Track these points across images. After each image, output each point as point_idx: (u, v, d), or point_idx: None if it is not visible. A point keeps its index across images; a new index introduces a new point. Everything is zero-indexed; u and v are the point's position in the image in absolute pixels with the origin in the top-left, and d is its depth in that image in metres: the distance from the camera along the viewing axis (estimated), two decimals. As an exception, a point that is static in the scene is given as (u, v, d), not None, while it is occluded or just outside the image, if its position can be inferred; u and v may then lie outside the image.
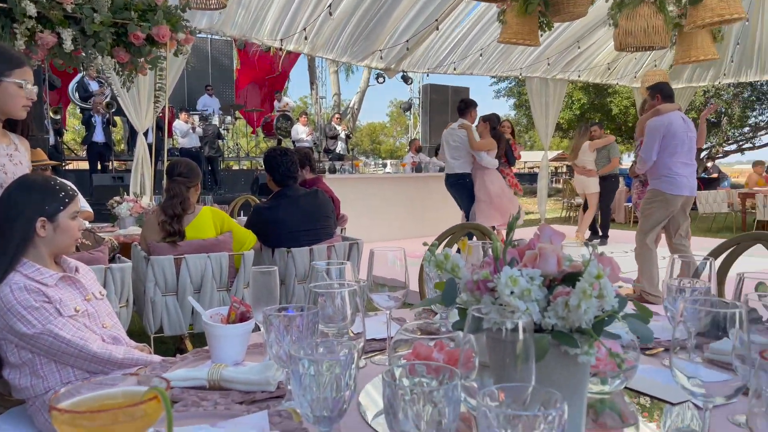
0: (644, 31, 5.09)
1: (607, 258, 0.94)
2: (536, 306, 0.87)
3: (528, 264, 0.92)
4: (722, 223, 11.18)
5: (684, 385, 0.84)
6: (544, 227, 1.03)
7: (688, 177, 4.71)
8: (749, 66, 10.91)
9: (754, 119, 22.89)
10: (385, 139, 40.16)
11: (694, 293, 1.25)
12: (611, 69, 11.17)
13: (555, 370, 0.89)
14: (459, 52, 9.54)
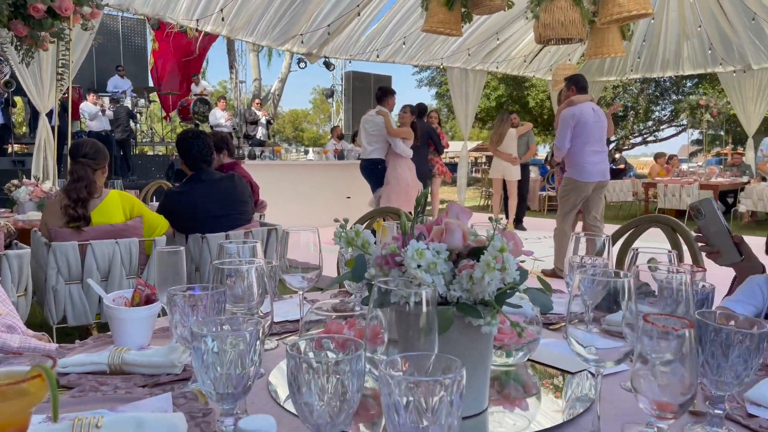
0: (562, 23, 5.28)
1: (510, 233, 0.96)
2: (442, 279, 0.88)
3: (435, 239, 0.94)
4: (628, 211, 11.86)
5: (579, 352, 0.88)
6: (452, 204, 1.05)
7: (598, 164, 5.08)
8: (654, 63, 11.59)
9: (658, 114, 24.39)
10: (308, 126, 39.72)
11: (593, 269, 1.31)
12: (528, 62, 11.55)
13: (460, 342, 0.92)
14: (381, 39, 9.56)
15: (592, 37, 6.26)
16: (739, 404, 0.98)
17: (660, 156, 12.72)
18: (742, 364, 0.84)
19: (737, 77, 11.19)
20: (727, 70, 11.16)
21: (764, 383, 0.99)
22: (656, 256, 1.29)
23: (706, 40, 10.44)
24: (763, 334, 0.83)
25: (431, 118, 8.84)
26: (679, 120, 22.15)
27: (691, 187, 9.56)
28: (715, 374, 0.86)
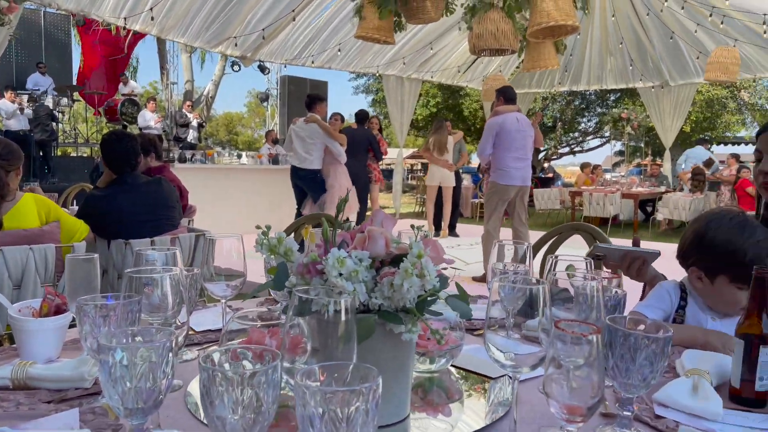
0: (494, 35, 5.41)
1: (431, 240, 0.98)
2: (363, 287, 0.88)
3: (358, 246, 0.93)
4: (556, 219, 12.28)
5: (496, 358, 0.90)
6: (377, 212, 1.05)
7: (520, 169, 5.45)
8: (579, 76, 12.09)
9: (584, 125, 25.43)
10: (242, 130, 39.03)
11: (515, 276, 1.34)
12: (462, 72, 11.80)
13: (382, 349, 0.91)
14: (317, 45, 9.52)
15: (528, 51, 6.47)
16: (648, 405, 1.02)
17: (585, 166, 13.26)
18: (648, 367, 0.88)
19: (656, 92, 11.83)
20: (646, 85, 11.78)
21: (670, 385, 1.04)
22: (576, 263, 1.33)
23: (627, 56, 10.98)
24: (667, 338, 0.87)
25: (372, 124, 8.93)
26: (603, 132, 23.21)
27: (614, 196, 10.00)
28: (624, 377, 0.89)
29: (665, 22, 9.43)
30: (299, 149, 6.76)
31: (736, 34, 8.72)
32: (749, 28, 8.49)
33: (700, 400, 1.00)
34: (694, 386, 1.03)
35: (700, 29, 8.94)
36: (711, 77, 8.12)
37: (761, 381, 1.03)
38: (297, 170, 6.89)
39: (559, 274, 1.12)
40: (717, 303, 1.44)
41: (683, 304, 1.48)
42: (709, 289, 1.43)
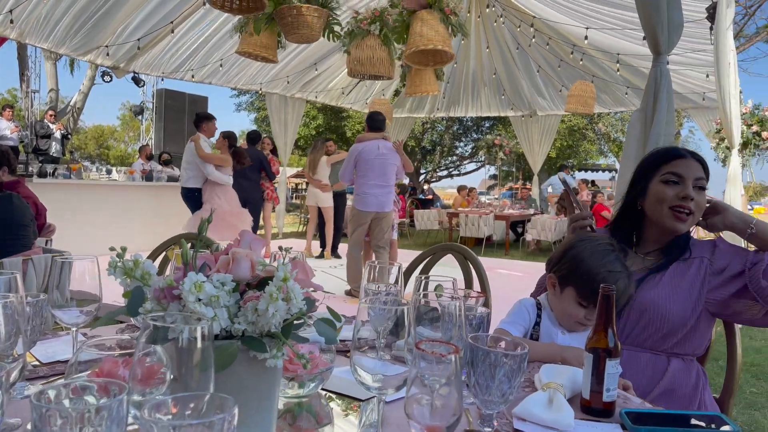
0: (371, 60, 5.53)
1: (300, 262, 0.96)
2: (225, 312, 0.84)
3: (221, 269, 0.90)
4: (435, 238, 12.70)
5: (363, 381, 0.89)
6: (244, 233, 1.02)
7: (377, 196, 5.57)
8: (457, 103, 12.68)
9: (461, 150, 26.67)
10: (114, 144, 36.74)
11: (387, 296, 1.36)
12: (345, 93, 11.94)
13: (245, 377, 0.88)
14: (197, 59, 9.21)
15: (410, 77, 6.69)
16: (508, 420, 1.07)
17: (462, 188, 13.87)
18: (507, 383, 0.92)
19: (525, 121, 12.68)
20: (516, 114, 12.60)
21: (528, 399, 1.09)
22: (444, 283, 1.37)
23: (500, 86, 11.69)
24: (524, 355, 0.92)
25: (264, 144, 8.92)
26: (479, 156, 24.45)
27: (488, 218, 10.52)
28: (485, 394, 0.92)
29: (532, 57, 10.17)
30: (183, 167, 6.77)
31: (594, 71, 9.58)
32: (605, 65, 9.37)
33: (555, 412, 1.05)
34: (550, 399, 1.09)
35: (563, 64, 9.72)
36: (571, 109, 8.85)
37: (608, 392, 1.11)
38: (181, 188, 6.85)
39: (425, 295, 1.15)
40: (560, 314, 1.56)
41: (538, 321, 1.58)
42: (557, 298, 1.55)
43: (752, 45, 20.13)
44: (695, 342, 1.57)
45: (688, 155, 1.63)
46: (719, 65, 4.71)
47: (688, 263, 1.59)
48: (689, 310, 1.53)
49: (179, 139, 12.00)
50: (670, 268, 1.58)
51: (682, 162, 1.61)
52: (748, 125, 7.01)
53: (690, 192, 1.57)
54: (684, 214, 1.58)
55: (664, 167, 1.63)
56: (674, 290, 1.55)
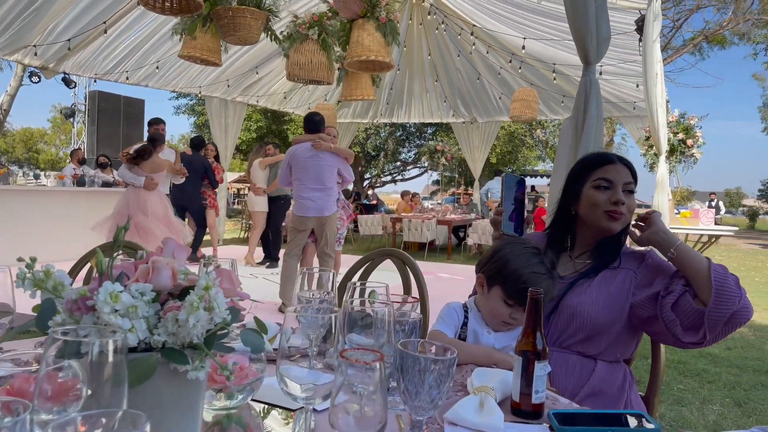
0: (310, 65, 5.49)
1: (226, 270, 0.93)
2: (144, 323, 0.81)
3: (140, 279, 0.86)
4: (378, 243, 12.73)
5: (291, 391, 0.88)
6: (167, 240, 0.98)
7: (315, 200, 5.25)
8: (400, 109, 12.78)
9: (405, 155, 26.89)
10: (45, 147, 35.14)
11: (321, 304, 1.34)
12: (287, 98, 11.83)
13: (166, 390, 0.84)
14: (133, 60, 8.93)
15: (346, 81, 6.66)
16: (439, 425, 1.07)
17: (405, 194, 13.96)
18: (436, 389, 0.92)
19: (466, 127, 12.91)
20: (458, 120, 12.80)
21: (460, 404, 1.10)
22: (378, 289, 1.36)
23: (442, 93, 11.86)
24: (452, 360, 0.92)
25: (208, 151, 8.72)
26: (422, 162, 24.72)
27: (430, 223, 10.63)
28: (414, 400, 0.92)
29: (473, 64, 10.37)
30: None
31: (532, 79, 9.85)
32: (542, 74, 9.65)
33: (485, 416, 1.06)
34: (481, 403, 1.10)
35: (503, 72, 9.95)
36: (516, 113, 9.04)
37: (537, 394, 1.13)
38: None
39: (357, 301, 1.14)
40: (487, 313, 1.59)
41: (465, 321, 1.61)
42: (485, 297, 1.59)
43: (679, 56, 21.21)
44: (622, 348, 1.62)
45: (617, 161, 1.69)
46: (647, 76, 4.93)
47: (617, 272, 1.63)
48: (615, 318, 1.58)
49: (114, 142, 11.57)
50: (600, 274, 1.63)
51: (612, 167, 1.67)
52: (675, 133, 7.36)
53: (621, 197, 1.63)
54: (618, 215, 1.64)
55: (595, 173, 1.68)
56: (601, 297, 1.59)
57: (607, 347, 1.60)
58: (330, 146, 5.28)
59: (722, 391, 3.77)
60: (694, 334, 1.46)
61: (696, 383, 3.91)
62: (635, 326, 1.61)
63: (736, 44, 22.71)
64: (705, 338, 1.45)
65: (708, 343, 1.48)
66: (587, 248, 1.72)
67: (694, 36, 20.75)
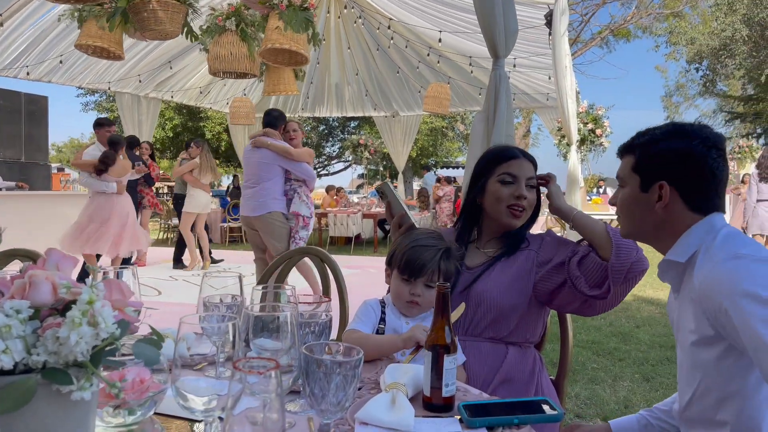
0: (230, 57, 5.33)
1: (113, 281, 0.88)
2: (20, 343, 0.75)
3: (16, 295, 0.79)
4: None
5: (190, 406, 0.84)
6: (51, 251, 0.92)
7: (246, 198, 5.06)
8: (322, 103, 12.67)
9: (329, 150, 26.75)
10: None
11: (229, 310, 1.30)
12: (204, 93, 11.48)
13: (50, 413, 0.78)
14: (34, 55, 8.38)
15: (269, 75, 6.52)
16: (350, 426, 1.06)
17: (330, 188, 13.91)
18: (342, 390, 0.91)
19: (388, 121, 12.98)
20: (380, 114, 12.85)
21: (371, 402, 1.09)
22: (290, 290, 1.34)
23: (363, 86, 11.85)
24: (356, 361, 0.91)
25: (143, 149, 8.36)
26: (346, 156, 24.70)
27: (356, 217, 10.65)
28: (320, 404, 0.91)
29: (392, 58, 10.42)
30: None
31: (450, 72, 10.01)
32: (460, 67, 9.83)
33: (396, 412, 1.06)
34: (392, 400, 1.09)
35: (421, 65, 10.06)
36: (428, 109, 9.17)
37: (447, 387, 1.14)
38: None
39: (259, 306, 1.11)
40: (395, 299, 1.64)
41: (383, 317, 1.62)
42: (391, 285, 1.65)
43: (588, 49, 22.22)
44: (529, 329, 1.68)
45: (521, 155, 1.74)
46: (557, 68, 5.12)
47: (518, 254, 1.70)
48: (519, 299, 1.64)
49: (15, 143, 10.83)
50: (502, 260, 1.68)
51: (516, 163, 1.72)
52: (585, 123, 7.70)
53: (524, 191, 1.69)
54: (518, 211, 1.69)
55: (500, 167, 1.73)
56: (504, 280, 1.65)
57: (515, 330, 1.65)
58: (267, 142, 5.02)
59: (632, 367, 3.99)
60: (598, 288, 1.55)
61: (608, 361, 4.12)
62: (541, 304, 1.67)
63: (639, 37, 24.10)
64: (609, 291, 1.54)
65: (611, 299, 1.58)
66: (491, 239, 1.77)
67: (601, 30, 21.81)
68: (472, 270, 1.70)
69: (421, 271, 1.54)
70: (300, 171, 5.07)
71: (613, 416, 3.10)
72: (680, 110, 27.74)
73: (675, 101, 27.86)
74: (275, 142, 5.01)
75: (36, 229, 8.40)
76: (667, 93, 28.14)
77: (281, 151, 5.00)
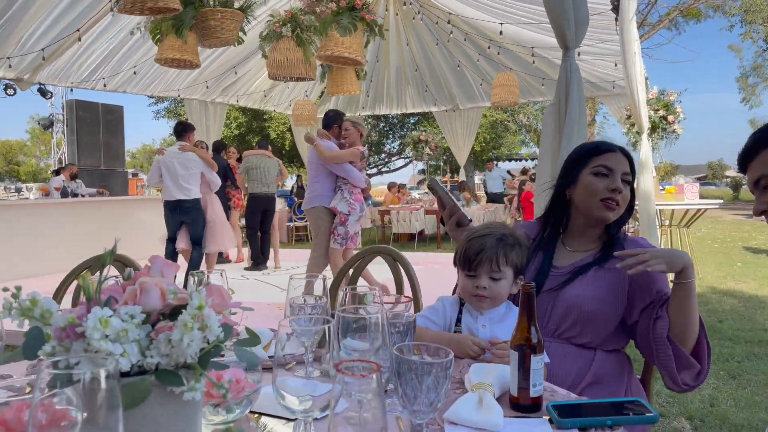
0: (288, 63, 5.46)
1: (216, 286, 0.92)
2: (136, 347, 0.80)
3: (129, 301, 0.85)
4: (368, 237, 12.73)
5: (288, 405, 0.87)
6: (154, 258, 0.97)
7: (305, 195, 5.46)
8: (381, 101, 12.72)
9: (389, 147, 26.84)
10: (25, 159, 34.69)
11: (314, 310, 1.33)
12: (267, 96, 11.75)
13: (162, 412, 0.83)
14: (109, 67, 8.81)
15: (331, 77, 6.65)
16: (439, 426, 1.07)
17: (392, 186, 13.96)
18: (434, 391, 0.92)
19: (448, 115, 12.89)
20: (440, 109, 12.78)
21: (459, 402, 1.10)
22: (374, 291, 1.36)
23: (422, 82, 11.82)
24: (448, 362, 0.92)
25: (230, 153, 8.86)
26: (406, 152, 24.71)
27: (419, 213, 10.64)
28: (413, 404, 0.92)
29: (452, 52, 10.34)
30: (180, 179, 6.43)
31: (511, 64, 9.84)
32: (521, 58, 9.65)
33: (484, 413, 1.06)
34: (480, 400, 1.10)
35: (481, 58, 9.94)
36: (497, 99, 9.03)
37: (535, 387, 1.13)
38: (179, 203, 6.46)
39: (349, 307, 1.13)
40: (463, 295, 1.59)
41: (460, 317, 1.58)
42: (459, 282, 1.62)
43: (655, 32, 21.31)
44: (622, 339, 1.63)
45: (618, 150, 1.70)
46: (625, 55, 4.95)
47: (609, 264, 1.62)
48: (611, 311, 1.58)
49: (95, 151, 11.44)
50: (597, 266, 1.63)
51: (612, 156, 1.68)
52: (655, 110, 7.40)
53: (619, 185, 1.63)
54: (613, 205, 1.64)
55: (595, 159, 1.68)
56: (596, 294, 1.59)
57: (605, 339, 1.60)
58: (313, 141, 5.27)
59: (716, 364, 3.82)
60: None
61: (690, 358, 3.96)
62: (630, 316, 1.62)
63: (711, 17, 22.90)
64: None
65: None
66: (580, 237, 1.72)
67: (670, 11, 20.87)
68: (560, 271, 1.66)
69: (478, 262, 1.51)
70: (340, 171, 5.24)
71: (698, 415, 2.99)
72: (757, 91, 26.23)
73: (752, 82, 26.37)
74: (320, 142, 5.21)
75: (116, 232, 8.86)
76: (742, 74, 26.67)
77: (319, 152, 5.23)
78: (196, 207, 6.55)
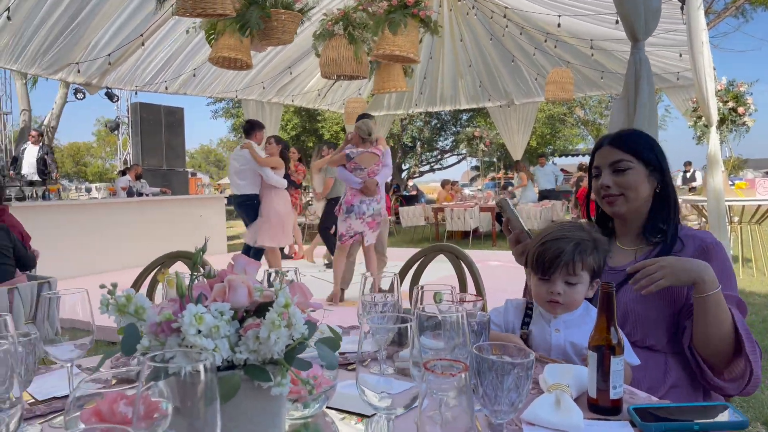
0: (338, 61, 5.51)
1: (298, 285, 0.94)
2: (226, 342, 0.82)
3: (218, 298, 0.87)
4: (421, 234, 12.71)
5: (370, 401, 0.88)
6: (237, 257, 1.00)
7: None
8: (434, 98, 12.67)
9: (441, 144, 26.69)
10: (92, 160, 36.27)
11: (385, 307, 1.34)
12: (321, 95, 11.88)
13: (250, 405, 0.86)
14: (171, 70, 9.11)
15: (378, 74, 6.64)
16: (517, 426, 1.06)
17: (445, 183, 13.88)
18: (515, 391, 0.91)
19: (503, 111, 12.71)
20: (495, 104, 12.61)
21: (535, 403, 1.08)
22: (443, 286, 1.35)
23: (476, 78, 11.69)
24: (530, 362, 0.90)
25: (292, 154, 8.93)
26: (460, 149, 24.52)
27: (473, 210, 10.54)
28: (493, 404, 0.91)
29: (507, 46, 10.19)
30: (234, 176, 6.83)
31: (568, 57, 9.62)
32: (579, 51, 9.41)
33: (563, 414, 1.05)
34: (557, 401, 1.08)
35: (537, 52, 9.75)
36: (550, 95, 8.86)
37: (615, 389, 1.11)
38: (234, 197, 6.92)
39: (426, 306, 1.14)
40: (536, 299, 1.54)
41: (528, 321, 1.55)
42: (531, 285, 1.57)
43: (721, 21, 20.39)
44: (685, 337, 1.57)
45: (606, 143, 1.67)
46: (693, 45, 4.75)
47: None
48: (674, 311, 1.53)
49: (157, 152, 11.85)
50: None
51: (599, 153, 1.68)
52: (724, 102, 7.08)
53: (605, 181, 1.63)
54: (610, 199, 1.63)
55: (594, 160, 1.71)
56: (653, 298, 1.52)
57: (669, 341, 1.54)
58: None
59: (793, 367, 3.62)
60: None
61: (765, 361, 3.77)
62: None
63: (782, 3, 21.71)
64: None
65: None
66: (624, 236, 1.69)
67: (736, -2, 19.90)
68: (616, 271, 1.61)
69: (553, 267, 1.45)
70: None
71: (776, 421, 2.85)
72: (833, 80, 24.68)
73: (827, 70, 24.84)
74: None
75: (178, 229, 9.17)
76: (817, 61, 25.15)
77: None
78: (246, 202, 6.76)
